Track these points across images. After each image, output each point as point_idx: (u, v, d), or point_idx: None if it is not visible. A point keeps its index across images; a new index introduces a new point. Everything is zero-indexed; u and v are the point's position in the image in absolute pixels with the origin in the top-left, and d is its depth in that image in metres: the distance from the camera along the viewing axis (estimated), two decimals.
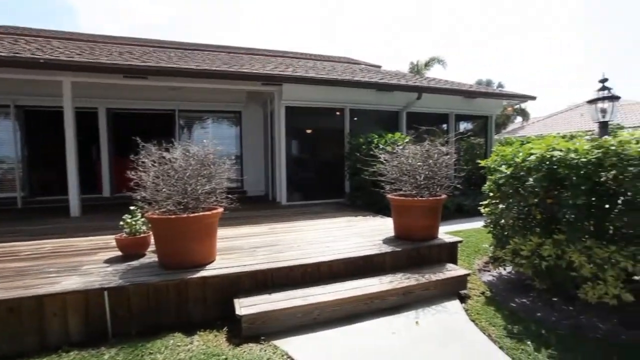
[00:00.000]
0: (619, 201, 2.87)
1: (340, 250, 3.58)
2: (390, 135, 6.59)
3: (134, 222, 3.36)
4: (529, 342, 2.53)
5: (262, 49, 12.99)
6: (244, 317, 2.56)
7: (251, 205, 7.03)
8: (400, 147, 4.33)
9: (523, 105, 29.28)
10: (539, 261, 3.14)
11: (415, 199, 3.83)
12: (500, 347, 2.51)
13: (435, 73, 23.98)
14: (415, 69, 23.38)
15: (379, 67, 13.43)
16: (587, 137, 3.85)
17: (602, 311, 2.91)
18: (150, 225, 3.25)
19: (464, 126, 10.32)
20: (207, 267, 3.03)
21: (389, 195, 4.07)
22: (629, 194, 2.73)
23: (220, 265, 3.07)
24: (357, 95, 7.90)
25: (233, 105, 9.07)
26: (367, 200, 6.41)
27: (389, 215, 4.46)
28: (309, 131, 8.43)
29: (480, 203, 3.96)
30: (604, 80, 5.89)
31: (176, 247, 2.98)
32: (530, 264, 3.23)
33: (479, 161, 4.00)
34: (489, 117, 10.00)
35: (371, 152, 4.60)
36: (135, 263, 3.18)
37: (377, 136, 6.60)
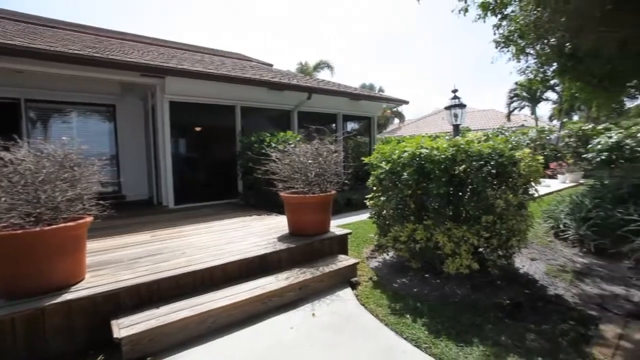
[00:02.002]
0: (468, 189, 3.55)
1: (235, 252, 3.47)
2: (282, 133, 6.68)
3: None
4: (407, 315, 2.91)
5: (140, 35, 11.55)
6: (124, 339, 2.25)
7: (132, 212, 6.22)
8: (292, 145, 4.43)
9: (400, 109, 33.56)
10: (414, 245, 3.65)
11: (307, 195, 3.98)
12: (386, 325, 2.82)
13: (323, 76, 25.37)
14: (305, 71, 24.29)
15: (271, 65, 13.47)
16: (447, 137, 4.62)
17: (460, 280, 3.55)
18: None
19: (351, 126, 11.22)
20: (73, 288, 2.56)
21: (282, 194, 4.12)
22: (473, 183, 3.40)
23: (91, 284, 2.63)
24: (248, 93, 7.75)
25: (104, 97, 7.75)
26: (260, 199, 6.37)
27: (283, 213, 4.53)
28: (198, 129, 7.90)
29: (366, 196, 4.35)
30: (455, 91, 7.18)
31: (26, 269, 2.42)
32: (407, 247, 3.72)
33: (363, 158, 4.39)
34: (372, 118, 11.10)
35: (263, 151, 4.59)
36: None
37: (269, 135, 6.61)
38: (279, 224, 4.81)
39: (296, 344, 2.55)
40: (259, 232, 4.35)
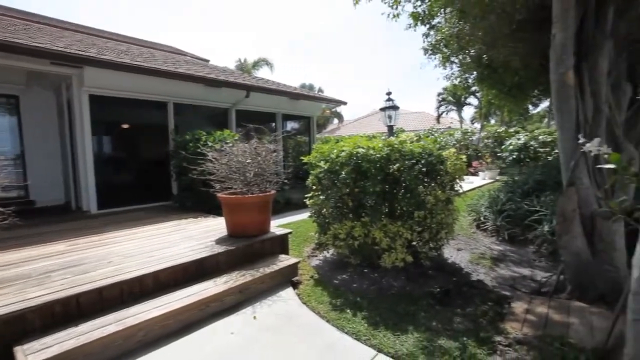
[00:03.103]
0: (401, 187, 3.76)
1: (169, 257, 3.24)
2: (219, 132, 6.42)
3: None
4: (348, 310, 2.99)
5: (51, 17, 10.20)
6: None
7: (44, 219, 5.48)
8: (230, 145, 4.28)
9: (339, 109, 34.42)
10: (353, 241, 3.76)
11: (246, 196, 3.88)
12: (327, 321, 2.85)
13: (262, 74, 24.98)
14: (244, 68, 23.69)
15: (207, 61, 12.88)
16: (383, 137, 4.84)
17: (396, 272, 3.74)
18: None
19: (290, 125, 11.21)
20: None
21: (219, 195, 3.96)
22: (406, 181, 3.61)
23: None
24: (182, 89, 7.30)
25: (3, 86, 6.61)
26: (197, 200, 6.05)
27: (221, 215, 4.35)
28: (125, 126, 7.24)
29: (306, 196, 4.38)
30: (389, 93, 7.57)
31: None
32: (346, 244, 3.82)
33: (302, 158, 4.41)
34: (311, 118, 11.21)
35: (199, 150, 4.36)
36: None
37: (205, 133, 6.30)
38: (217, 226, 4.61)
39: (236, 349, 2.47)
40: (195, 236, 4.12)
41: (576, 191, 3.12)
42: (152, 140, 7.48)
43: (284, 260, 3.74)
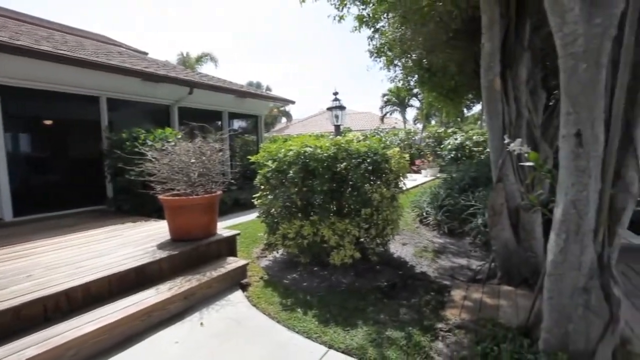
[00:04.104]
0: (349, 185, 3.84)
1: (102, 266, 2.97)
2: (160, 130, 6.01)
3: None
4: (298, 310, 2.98)
5: None
6: None
7: None
8: (172, 144, 4.04)
9: (287, 108, 34.27)
10: (302, 240, 3.76)
11: (190, 197, 3.69)
12: (278, 322, 2.83)
13: (207, 70, 24.00)
14: (186, 63, 22.49)
15: (146, 54, 12.02)
16: (331, 137, 4.91)
17: (345, 269, 3.82)
18: None
19: (238, 124, 10.90)
20: None
21: (161, 196, 3.72)
22: (353, 179, 3.70)
23: None
24: (117, 83, 6.72)
25: None
26: (136, 203, 5.63)
27: (163, 218, 4.09)
28: (48, 122, 6.46)
29: (254, 196, 4.29)
30: (335, 93, 7.70)
31: None
32: (296, 243, 3.81)
33: (250, 157, 4.31)
34: (259, 117, 11.01)
35: (137, 150, 4.05)
36: None
37: (144, 132, 5.87)
38: (158, 230, 4.33)
39: (180, 359, 2.34)
40: (134, 241, 3.82)
41: (504, 187, 3.44)
42: (82, 138, 6.79)
43: (232, 263, 3.62)
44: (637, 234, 4.71)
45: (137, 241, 3.84)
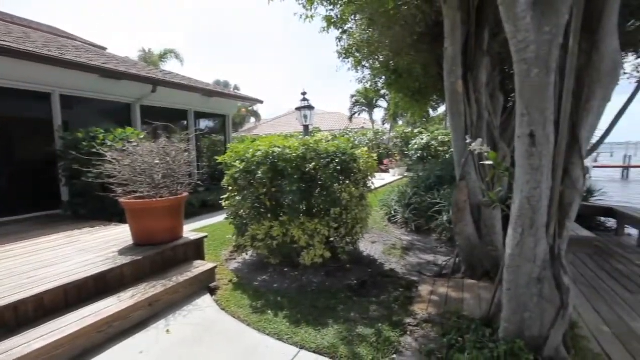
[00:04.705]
0: (318, 185, 3.85)
1: (57, 276, 2.77)
2: (120, 130, 5.71)
3: None
4: (269, 312, 2.95)
5: None
6: None
7: None
8: (134, 144, 3.85)
9: (256, 108, 33.79)
10: (272, 241, 3.72)
11: (154, 200, 3.54)
12: (248, 325, 2.78)
13: (171, 67, 23.13)
14: (148, 59, 21.51)
15: (104, 49, 11.40)
16: (301, 137, 4.90)
17: (315, 269, 3.83)
18: None
19: (205, 124, 10.60)
20: None
21: (122, 200, 3.54)
22: (322, 179, 3.71)
23: None
24: (72, 79, 6.30)
25: None
26: (94, 207, 5.31)
27: (125, 222, 3.90)
28: None
29: (222, 197, 4.19)
30: (304, 93, 7.70)
31: None
32: (266, 245, 3.77)
33: (217, 158, 4.21)
34: (227, 116, 10.77)
35: (95, 150, 3.83)
36: None
37: (103, 131, 5.55)
38: (120, 234, 4.11)
39: None
40: (93, 248, 3.61)
41: (466, 184, 3.60)
42: (32, 138, 6.30)
43: (200, 267, 3.52)
44: (583, 227, 5.11)
45: (96, 247, 3.62)
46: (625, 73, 4.82)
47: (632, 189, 19.42)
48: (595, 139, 2.13)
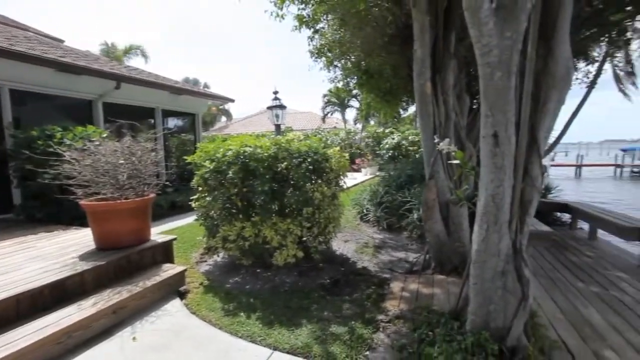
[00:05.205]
0: (290, 185, 3.83)
1: (8, 285, 2.58)
2: (80, 128, 5.38)
3: None
4: (241, 314, 2.90)
5: None
6: None
7: None
8: (96, 143, 3.65)
9: (227, 107, 33.09)
10: (243, 242, 3.66)
11: (119, 201, 3.37)
12: (220, 328, 2.72)
13: (136, 64, 22.16)
14: (112, 54, 20.45)
15: (61, 41, 10.71)
16: (272, 136, 4.84)
17: (288, 269, 3.81)
18: None
19: (173, 122, 10.24)
20: None
21: (83, 202, 3.34)
22: (294, 179, 3.70)
23: None
24: (24, 73, 5.88)
25: None
26: (52, 210, 4.99)
27: (86, 225, 3.69)
28: None
29: (192, 198, 4.07)
30: (276, 92, 7.64)
31: None
32: (237, 246, 3.70)
33: (186, 157, 4.08)
34: (196, 115, 10.47)
35: (52, 150, 3.60)
36: None
37: (61, 129, 5.21)
38: (81, 239, 3.89)
39: None
40: (49, 254, 3.38)
41: (435, 183, 3.72)
42: None
43: (169, 270, 3.40)
44: (541, 222, 5.43)
45: (54, 253, 3.40)
46: (577, 78, 5.18)
47: (584, 186, 20.92)
48: (551, 140, 2.26)
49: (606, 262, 4.22)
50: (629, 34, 3.96)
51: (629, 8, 3.62)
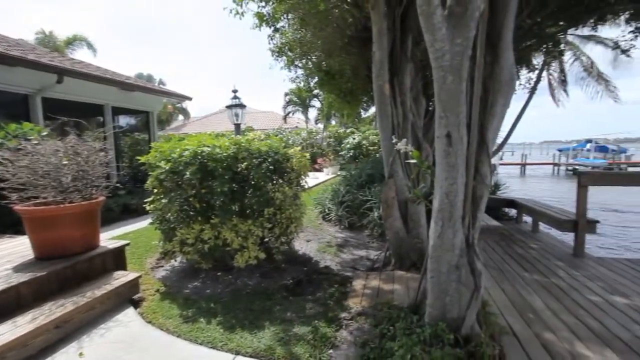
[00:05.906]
0: (250, 185, 3.76)
1: None
2: (14, 126, 4.87)
3: None
4: (201, 320, 2.80)
5: None
6: None
7: None
8: (34, 142, 3.33)
9: (184, 105, 31.75)
10: (202, 245, 3.53)
11: (62, 205, 3.09)
12: (179, 336, 2.61)
13: (81, 56, 20.51)
14: (49, 44, 18.62)
15: None
16: (232, 135, 4.71)
17: (250, 271, 3.73)
18: None
19: (125, 120, 9.63)
20: None
21: (18, 207, 3.03)
22: (255, 179, 3.63)
23: None
24: None
25: None
26: None
27: (23, 233, 3.36)
28: None
29: (146, 200, 3.85)
30: (235, 91, 7.46)
31: None
32: (196, 249, 3.56)
33: (139, 157, 3.85)
34: (151, 113, 9.94)
35: None
36: None
37: None
38: (15, 248, 3.53)
39: None
40: None
41: (394, 182, 3.84)
42: None
43: (121, 277, 3.19)
44: (491, 217, 5.81)
45: None
46: (520, 84, 5.62)
47: (528, 183, 22.75)
48: (499, 140, 2.43)
49: (546, 252, 4.61)
50: (562, 46, 4.36)
51: (561, 23, 3.99)
